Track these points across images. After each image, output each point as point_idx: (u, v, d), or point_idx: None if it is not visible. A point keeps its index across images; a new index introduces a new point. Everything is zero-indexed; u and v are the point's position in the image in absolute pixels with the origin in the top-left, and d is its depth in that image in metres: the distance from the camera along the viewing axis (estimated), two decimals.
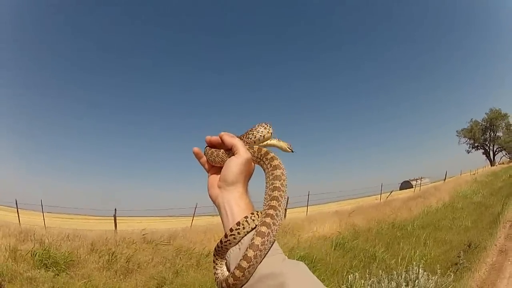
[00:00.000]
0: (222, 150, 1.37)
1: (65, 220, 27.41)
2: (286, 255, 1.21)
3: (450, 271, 9.08)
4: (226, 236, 1.22)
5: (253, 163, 1.38)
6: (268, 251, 1.16)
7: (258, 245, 1.11)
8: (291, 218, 19.43)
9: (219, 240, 1.25)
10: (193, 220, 21.16)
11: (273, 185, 1.26)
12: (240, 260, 1.11)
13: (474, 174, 46.57)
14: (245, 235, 1.20)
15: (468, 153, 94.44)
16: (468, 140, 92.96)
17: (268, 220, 1.17)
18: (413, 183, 57.52)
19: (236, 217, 1.24)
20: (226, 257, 1.24)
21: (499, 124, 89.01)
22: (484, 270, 9.69)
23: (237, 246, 1.21)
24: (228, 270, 1.23)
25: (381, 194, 32.00)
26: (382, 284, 8.05)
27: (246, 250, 1.12)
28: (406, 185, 77.42)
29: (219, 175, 1.36)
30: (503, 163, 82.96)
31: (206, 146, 1.42)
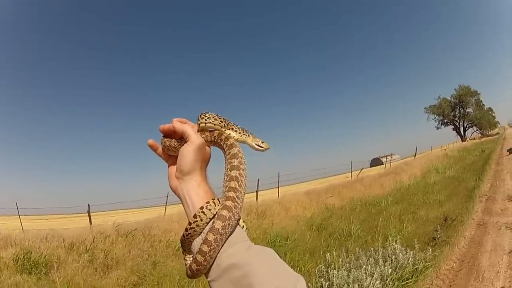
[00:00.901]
0: (174, 139, 1.29)
1: (41, 222, 26.45)
2: (256, 239, 0.88)
3: (428, 245, 9.11)
4: (186, 230, 1.17)
5: (208, 147, 1.33)
6: (229, 234, 1.12)
7: (218, 228, 1.07)
8: (263, 200, 19.42)
9: (183, 230, 1.19)
10: (166, 209, 20.84)
11: (231, 164, 1.22)
12: (201, 244, 1.08)
13: (445, 149, 47.73)
14: (206, 225, 1.15)
15: (438, 129, 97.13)
16: (437, 116, 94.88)
17: (229, 203, 1.13)
18: (383, 160, 58.49)
19: (196, 205, 1.19)
20: (192, 248, 1.20)
21: (468, 101, 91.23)
22: (464, 244, 9.63)
23: (200, 236, 1.17)
24: None
25: (351, 171, 32.18)
26: (360, 261, 7.92)
27: (207, 234, 1.08)
28: (376, 162, 78.70)
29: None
30: (474, 139, 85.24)
31: (162, 136, 1.34)
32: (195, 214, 1.14)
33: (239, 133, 1.38)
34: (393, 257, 7.94)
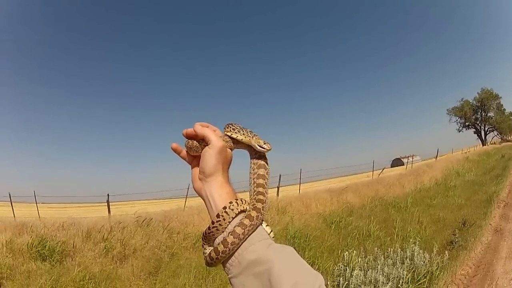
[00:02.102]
0: (195, 141, 1.35)
1: (59, 210, 27.23)
2: (276, 235, 1.15)
3: (445, 249, 9.09)
4: (209, 228, 1.23)
5: (230, 150, 1.38)
6: (252, 232, 1.17)
7: (246, 225, 1.14)
8: (284, 196, 19.33)
9: (206, 228, 1.25)
10: (186, 202, 20.58)
11: (258, 173, 1.32)
12: (228, 236, 1.14)
13: (466, 153, 46.85)
14: (228, 224, 1.20)
15: (459, 132, 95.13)
16: (459, 119, 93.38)
17: (259, 205, 1.21)
18: (404, 160, 57.92)
19: (218, 207, 1.24)
20: (214, 244, 1.24)
21: (490, 104, 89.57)
22: (480, 249, 9.68)
23: (221, 235, 1.21)
24: None
25: (373, 171, 31.84)
26: (378, 262, 8.07)
27: (234, 227, 1.14)
28: (397, 162, 78.12)
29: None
30: (494, 143, 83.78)
31: (186, 139, 1.39)
32: (218, 213, 1.20)
33: (244, 135, 1.42)
34: (412, 259, 8.05)
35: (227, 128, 1.40)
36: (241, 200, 1.24)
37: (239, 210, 1.21)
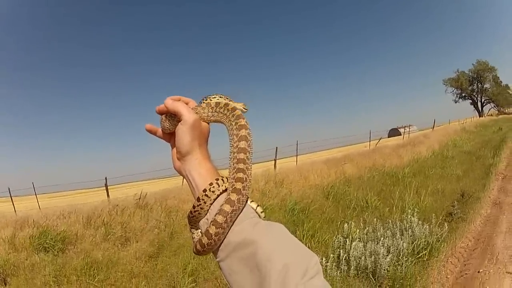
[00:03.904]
0: (166, 119, 1.28)
1: (59, 198, 26.94)
2: (275, 207, 1.14)
3: (444, 221, 9.11)
4: (191, 212, 1.19)
5: (207, 123, 1.30)
6: (236, 217, 1.10)
7: (228, 211, 1.06)
8: (281, 168, 19.49)
9: (189, 211, 1.21)
10: (184, 179, 20.38)
11: (240, 135, 1.19)
12: (209, 225, 1.07)
13: (462, 123, 47.08)
14: (210, 206, 1.16)
15: (456, 102, 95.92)
16: (455, 89, 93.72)
17: (238, 185, 1.11)
18: (401, 130, 58.06)
19: (199, 186, 1.19)
20: (199, 225, 1.21)
21: (486, 76, 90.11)
22: (479, 222, 9.72)
23: (205, 218, 1.17)
24: None
25: (370, 141, 31.88)
26: (378, 233, 8.10)
27: (215, 216, 1.07)
28: (394, 132, 78.37)
29: None
30: (491, 115, 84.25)
31: (160, 117, 1.31)
32: (199, 197, 1.15)
33: (224, 98, 1.36)
34: (410, 230, 8.05)
35: (203, 100, 1.34)
36: (222, 180, 1.18)
37: (221, 191, 1.16)
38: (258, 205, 1.22)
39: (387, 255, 6.87)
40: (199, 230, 1.22)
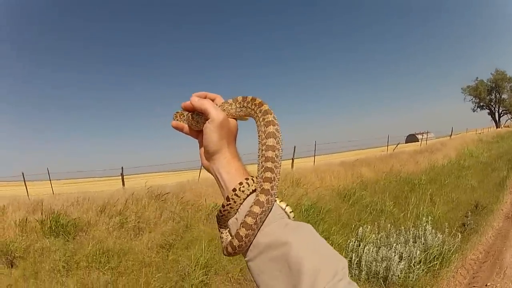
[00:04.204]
0: (192, 115, 1.26)
1: (73, 185, 27.00)
2: (291, 207, 1.20)
3: (457, 231, 9.13)
4: (220, 211, 1.19)
5: (235, 120, 1.28)
6: (266, 217, 1.09)
7: (257, 213, 1.05)
8: (298, 168, 19.43)
9: (218, 210, 1.21)
10: (201, 173, 19.99)
11: (267, 132, 1.16)
12: (239, 227, 1.07)
13: (479, 133, 46.54)
14: (240, 205, 1.15)
15: (474, 111, 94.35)
16: (474, 98, 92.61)
17: (267, 185, 1.10)
18: (419, 137, 57.63)
19: (228, 185, 1.18)
20: (228, 224, 1.21)
21: (504, 86, 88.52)
22: (491, 235, 9.73)
23: (234, 217, 1.18)
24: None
25: (387, 145, 31.88)
26: (391, 239, 8.18)
27: (245, 217, 1.06)
28: (412, 138, 77.88)
29: None
30: (508, 126, 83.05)
31: (187, 113, 1.30)
32: (228, 196, 1.15)
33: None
34: (423, 238, 8.11)
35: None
36: (252, 179, 1.18)
37: (251, 191, 1.15)
38: (287, 205, 1.22)
39: (400, 262, 6.96)
40: (228, 230, 1.23)
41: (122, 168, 19.89)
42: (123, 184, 18.48)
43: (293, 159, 21.68)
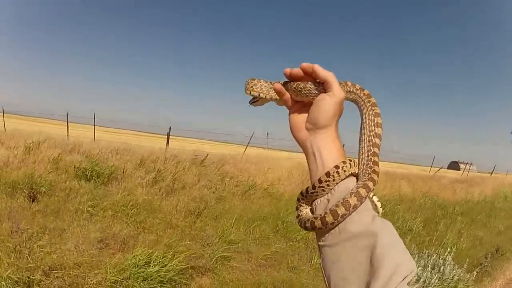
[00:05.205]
0: (310, 83, 1.12)
1: (116, 135, 27.39)
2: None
3: (474, 270, 9.18)
4: (314, 187, 1.08)
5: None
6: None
7: (363, 196, 1.00)
8: None
9: (305, 189, 1.13)
10: (246, 149, 20.57)
11: (375, 132, 1.14)
12: (338, 206, 0.99)
13: None
14: (336, 185, 1.06)
15: None
16: None
17: (377, 168, 1.07)
18: (461, 166, 57.05)
19: (326, 164, 1.08)
20: (313, 205, 1.11)
21: None
22: (501, 283, 9.90)
23: (325, 197, 1.08)
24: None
25: (431, 167, 31.81)
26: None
27: (350, 197, 0.99)
28: (454, 165, 77.27)
29: (302, 114, 1.18)
30: None
31: (286, 81, 1.19)
32: (329, 172, 1.04)
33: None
34: (442, 267, 8.41)
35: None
36: (354, 162, 1.10)
37: (350, 173, 1.07)
38: (378, 200, 1.20)
39: (415, 283, 7.18)
40: (309, 208, 1.14)
41: (170, 127, 19.60)
42: (167, 143, 18.51)
43: None
